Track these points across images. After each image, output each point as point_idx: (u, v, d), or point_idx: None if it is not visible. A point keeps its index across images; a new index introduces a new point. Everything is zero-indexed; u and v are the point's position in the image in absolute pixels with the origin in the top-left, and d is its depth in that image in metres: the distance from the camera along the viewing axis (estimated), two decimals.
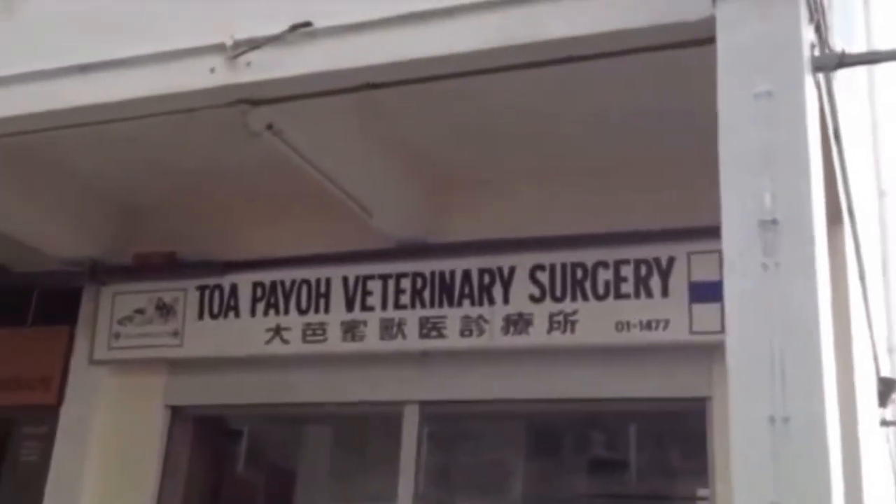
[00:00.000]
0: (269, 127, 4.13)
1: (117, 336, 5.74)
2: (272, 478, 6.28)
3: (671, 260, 4.72)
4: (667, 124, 4.46)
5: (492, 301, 4.99)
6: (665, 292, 4.70)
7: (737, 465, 2.83)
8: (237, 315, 5.51)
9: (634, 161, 4.83)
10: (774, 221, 2.85)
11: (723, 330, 4.34)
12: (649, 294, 4.73)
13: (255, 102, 3.94)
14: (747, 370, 2.86)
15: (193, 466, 5.75)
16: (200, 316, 5.59)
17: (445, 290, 5.10)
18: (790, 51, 2.99)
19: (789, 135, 2.89)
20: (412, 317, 5.13)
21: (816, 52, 3.16)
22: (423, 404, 5.20)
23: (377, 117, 4.60)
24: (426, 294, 5.14)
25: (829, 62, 3.17)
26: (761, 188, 2.88)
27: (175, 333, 5.62)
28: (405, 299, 5.18)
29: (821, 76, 3.30)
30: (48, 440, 5.72)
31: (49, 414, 5.75)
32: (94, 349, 5.77)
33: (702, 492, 4.68)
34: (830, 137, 3.76)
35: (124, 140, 4.97)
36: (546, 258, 4.93)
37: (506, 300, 4.97)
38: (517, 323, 4.91)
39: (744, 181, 2.91)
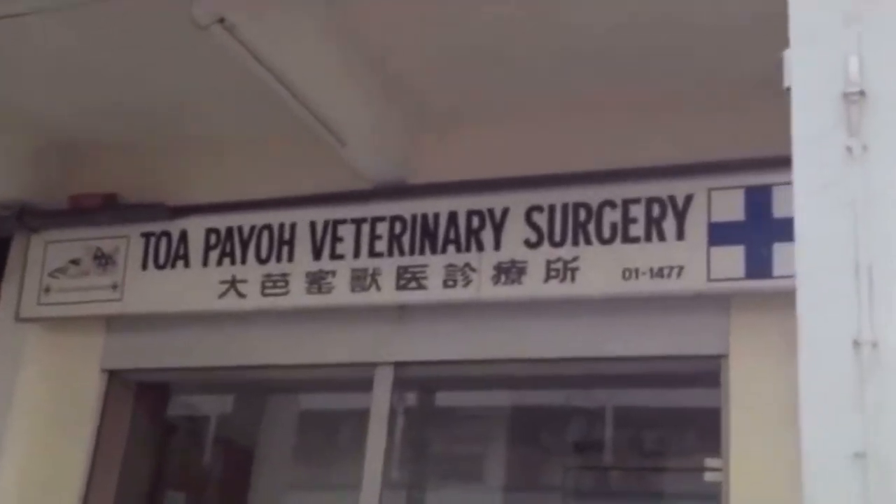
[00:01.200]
0: (221, 21, 3.48)
1: (48, 290, 5.03)
2: (224, 454, 5.62)
3: (689, 198, 4.13)
4: (683, 40, 3.91)
5: (481, 247, 4.37)
6: (680, 234, 4.11)
7: (807, 406, 2.21)
8: (187, 265, 4.84)
9: (644, 86, 4.24)
10: (862, 93, 2.26)
11: (746, 276, 4.02)
12: (662, 237, 4.14)
13: None
14: (823, 282, 2.26)
15: (133, 440, 5.06)
16: (144, 266, 4.91)
17: (427, 236, 4.47)
18: None
19: None
20: (388, 266, 4.49)
21: None
22: (399, 365, 4.58)
23: (349, 28, 3.98)
24: (405, 240, 4.51)
25: None
26: (845, 51, 2.28)
27: (114, 287, 4.93)
28: (381, 246, 4.54)
29: None
30: None
31: None
32: (21, 305, 5.05)
33: (711, 462, 4.13)
34: None
35: (59, 64, 4.35)
36: (544, 198, 4.32)
37: (497, 246, 4.35)
38: (509, 271, 4.30)
39: (822, 43, 2.30)
